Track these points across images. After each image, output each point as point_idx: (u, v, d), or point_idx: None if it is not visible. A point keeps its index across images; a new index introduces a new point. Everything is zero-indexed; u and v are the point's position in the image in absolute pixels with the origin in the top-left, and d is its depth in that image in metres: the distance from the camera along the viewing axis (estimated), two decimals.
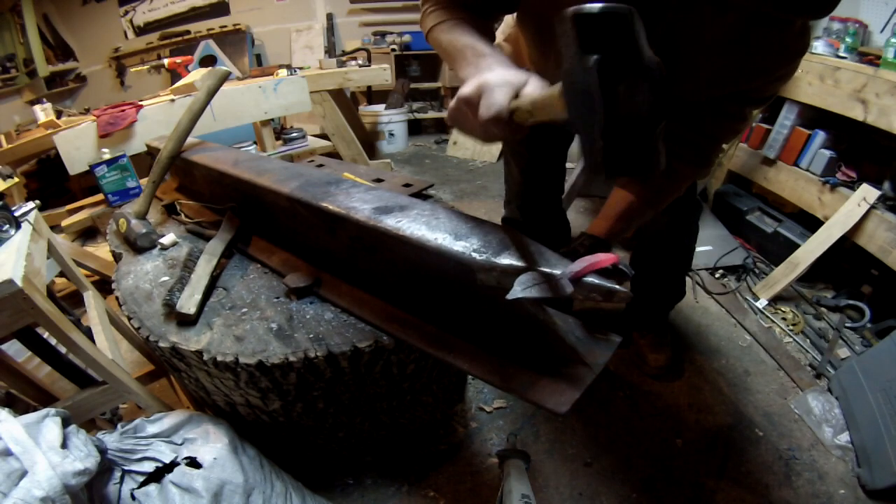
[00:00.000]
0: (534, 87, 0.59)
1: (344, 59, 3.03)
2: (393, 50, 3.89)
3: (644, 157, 0.40)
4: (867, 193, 1.61)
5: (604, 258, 0.58)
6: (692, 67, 0.73)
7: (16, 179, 1.63)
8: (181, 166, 1.30)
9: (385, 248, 0.82)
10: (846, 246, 1.73)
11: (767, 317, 1.76)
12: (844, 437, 1.27)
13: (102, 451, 0.75)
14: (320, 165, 1.51)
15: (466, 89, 0.62)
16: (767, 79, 0.73)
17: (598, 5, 0.38)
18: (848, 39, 1.85)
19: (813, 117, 1.91)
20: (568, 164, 1.57)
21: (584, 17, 0.38)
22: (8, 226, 0.97)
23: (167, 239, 1.12)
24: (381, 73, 2.93)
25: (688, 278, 1.82)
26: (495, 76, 0.60)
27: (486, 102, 0.59)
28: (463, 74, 0.70)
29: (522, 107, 0.57)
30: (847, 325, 1.68)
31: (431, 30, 0.81)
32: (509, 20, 1.21)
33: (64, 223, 1.94)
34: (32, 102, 3.01)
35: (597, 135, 0.39)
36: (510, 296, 0.59)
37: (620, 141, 0.38)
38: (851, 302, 1.75)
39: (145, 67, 3.27)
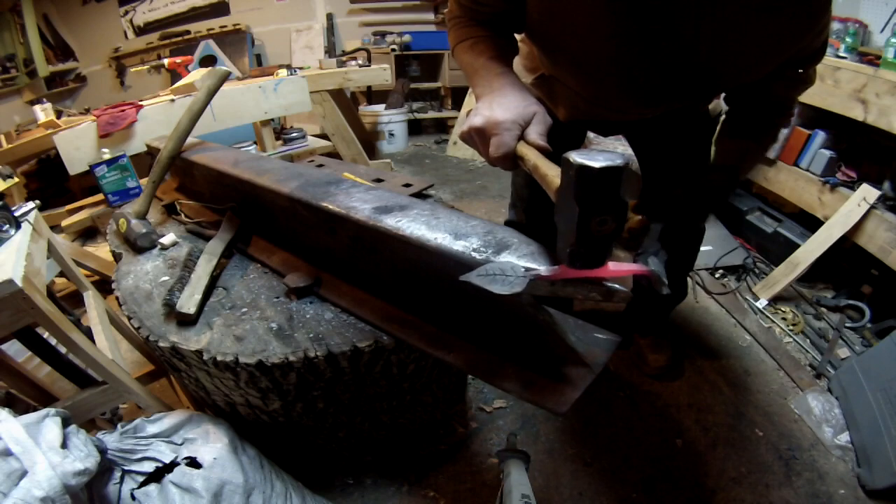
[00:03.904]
0: (537, 130, 0.67)
1: (344, 59, 3.03)
2: (393, 50, 3.89)
3: (600, 257, 0.54)
4: (867, 193, 1.61)
5: (630, 269, 0.57)
6: (736, 54, 0.74)
7: (16, 179, 1.63)
8: (181, 166, 1.30)
9: (385, 248, 0.82)
10: (846, 246, 1.73)
11: (767, 317, 1.76)
12: (844, 437, 1.27)
13: (102, 451, 0.75)
14: (320, 165, 1.51)
15: (477, 121, 0.68)
16: (812, 34, 0.75)
17: (598, 164, 0.48)
18: (848, 39, 1.84)
19: (813, 117, 1.91)
20: None
21: (584, 170, 0.49)
22: (8, 226, 0.97)
23: (167, 239, 1.12)
24: (381, 73, 2.93)
25: (688, 278, 1.82)
26: (504, 113, 0.66)
27: (495, 142, 0.66)
28: (477, 93, 0.77)
29: (527, 160, 0.65)
30: (847, 325, 1.68)
31: (455, 48, 0.86)
32: None
33: (64, 223, 1.94)
34: (32, 102, 3.01)
35: (568, 240, 0.53)
36: (463, 277, 0.59)
37: (585, 248, 0.53)
38: (851, 302, 1.75)
39: (145, 67, 3.26)
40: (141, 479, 0.79)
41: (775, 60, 0.78)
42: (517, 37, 1.17)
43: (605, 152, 0.52)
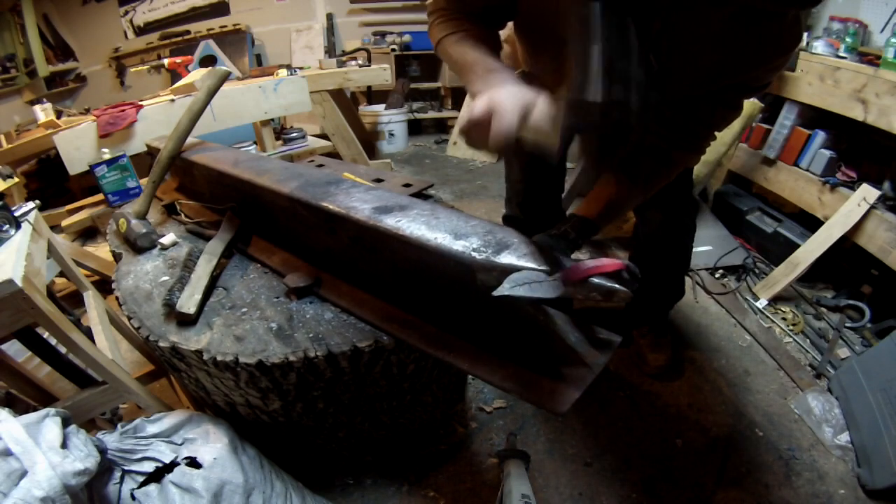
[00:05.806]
0: (542, 111, 0.62)
1: (344, 59, 3.03)
2: (393, 50, 3.89)
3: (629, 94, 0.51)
4: (867, 193, 1.61)
5: (607, 264, 0.58)
6: (690, 63, 0.73)
7: (16, 179, 1.63)
8: (181, 166, 1.30)
9: (385, 248, 0.82)
10: (846, 246, 1.73)
11: (767, 317, 1.76)
12: (844, 437, 1.27)
13: (102, 451, 0.75)
14: (320, 165, 1.51)
15: (479, 108, 0.64)
16: (766, 68, 0.74)
17: None
18: (848, 39, 1.85)
19: (813, 117, 1.91)
20: (568, 164, 1.57)
21: None
22: (8, 226, 0.97)
23: (167, 239, 1.12)
24: (381, 73, 2.93)
25: (688, 278, 1.82)
26: (507, 95, 0.62)
27: (497, 123, 0.62)
28: (473, 89, 0.73)
29: (526, 134, 0.63)
30: (847, 325, 1.68)
31: (440, 42, 0.83)
32: (509, 24, 1.22)
33: (64, 223, 1.94)
34: (32, 102, 3.01)
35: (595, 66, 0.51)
36: (496, 292, 0.58)
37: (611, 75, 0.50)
38: (851, 302, 1.75)
39: (145, 67, 3.26)
40: (141, 479, 0.79)
41: (721, 82, 0.75)
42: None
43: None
